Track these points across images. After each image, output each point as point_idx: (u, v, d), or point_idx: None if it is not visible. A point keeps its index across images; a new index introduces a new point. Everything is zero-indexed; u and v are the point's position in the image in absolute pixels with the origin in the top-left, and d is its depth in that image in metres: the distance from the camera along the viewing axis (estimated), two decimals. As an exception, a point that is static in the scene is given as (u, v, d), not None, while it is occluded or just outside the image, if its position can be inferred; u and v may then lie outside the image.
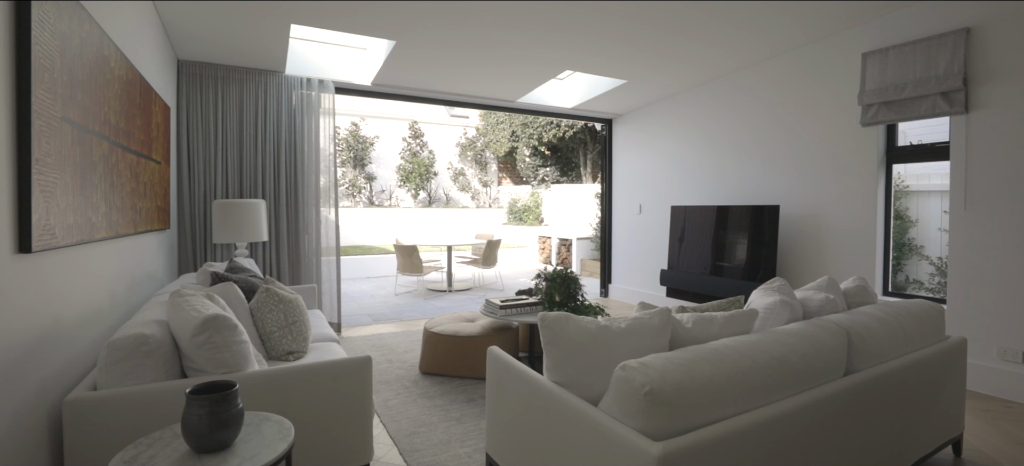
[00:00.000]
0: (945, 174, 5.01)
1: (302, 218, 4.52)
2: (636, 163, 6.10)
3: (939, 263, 4.59)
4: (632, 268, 6.20)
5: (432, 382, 3.30)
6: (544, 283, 3.56)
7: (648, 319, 1.66)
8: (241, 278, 2.72)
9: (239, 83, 4.23)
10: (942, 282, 4.53)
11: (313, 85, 4.51)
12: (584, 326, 1.62)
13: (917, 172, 5.03)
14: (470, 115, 16.27)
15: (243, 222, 3.73)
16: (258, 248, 4.34)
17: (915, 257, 4.82)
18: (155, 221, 2.98)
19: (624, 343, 1.60)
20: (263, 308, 2.43)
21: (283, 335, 2.43)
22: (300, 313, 2.54)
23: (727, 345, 1.58)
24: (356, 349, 4.10)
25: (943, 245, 4.67)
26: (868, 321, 1.97)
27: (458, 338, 3.37)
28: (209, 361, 1.69)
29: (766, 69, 4.44)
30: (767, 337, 1.67)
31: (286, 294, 2.53)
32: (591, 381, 1.59)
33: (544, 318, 1.64)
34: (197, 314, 1.71)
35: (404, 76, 4.64)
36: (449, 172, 15.46)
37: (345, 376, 1.90)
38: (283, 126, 4.41)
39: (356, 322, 5.22)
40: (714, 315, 1.79)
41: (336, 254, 4.69)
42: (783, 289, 2.22)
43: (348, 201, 13.75)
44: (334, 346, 2.66)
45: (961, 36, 3.19)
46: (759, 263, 4.18)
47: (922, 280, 4.76)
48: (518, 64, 4.40)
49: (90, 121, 1.85)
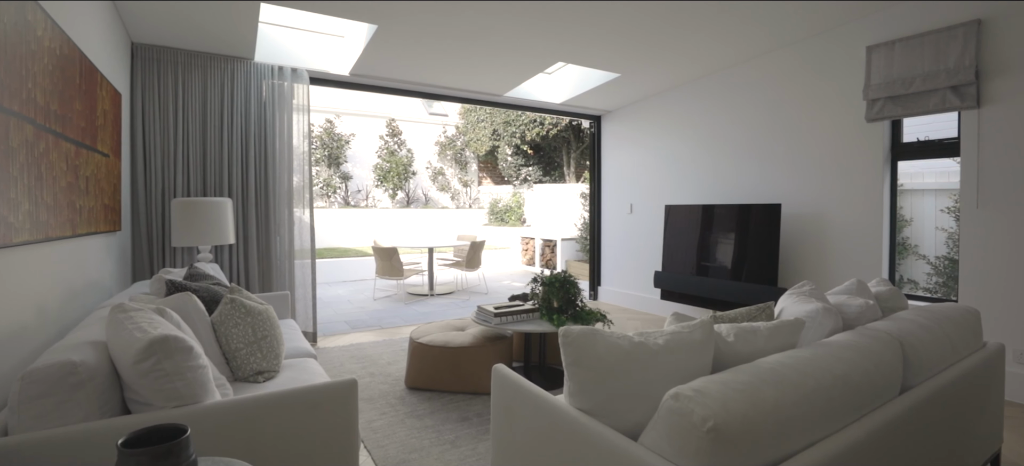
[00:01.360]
0: (939, 172, 4.97)
1: (274, 219, 4.16)
2: (627, 161, 5.91)
3: (936, 263, 4.52)
4: (623, 270, 6.01)
5: (420, 398, 3.00)
6: (540, 288, 3.31)
7: (688, 334, 1.42)
8: (202, 287, 2.38)
9: (202, 70, 3.85)
10: (940, 282, 4.46)
11: (285, 74, 4.16)
12: (615, 343, 1.37)
13: (910, 171, 4.96)
14: (449, 113, 15.91)
15: (206, 223, 3.36)
16: (224, 252, 3.96)
17: (911, 256, 4.75)
18: (101, 222, 2.60)
19: (663, 363, 1.36)
20: (228, 322, 2.11)
21: (251, 352, 2.11)
22: (271, 326, 2.22)
23: (783, 363, 1.35)
24: (335, 363, 3.76)
25: (939, 244, 4.61)
26: (915, 329, 1.77)
27: (448, 349, 3.08)
28: (157, 392, 1.37)
29: (765, 63, 4.29)
30: (823, 352, 1.45)
31: (254, 304, 2.20)
32: (624, 409, 1.34)
33: (567, 334, 1.39)
34: (142, 335, 1.39)
35: (385, 66, 4.33)
36: (428, 171, 15.06)
37: (326, 403, 1.60)
38: (252, 118, 4.04)
39: (333, 330, 4.87)
40: (757, 326, 1.56)
41: (311, 257, 4.34)
42: (816, 293, 2.02)
43: (322, 201, 13.23)
44: (311, 363, 2.34)
45: (972, 28, 3.07)
46: (760, 264, 4.02)
47: (917, 280, 4.69)
48: (508, 54, 4.14)
49: (3, 97, 1.51)
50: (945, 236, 4.61)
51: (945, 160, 4.79)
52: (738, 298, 4.12)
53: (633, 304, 5.79)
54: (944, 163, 4.94)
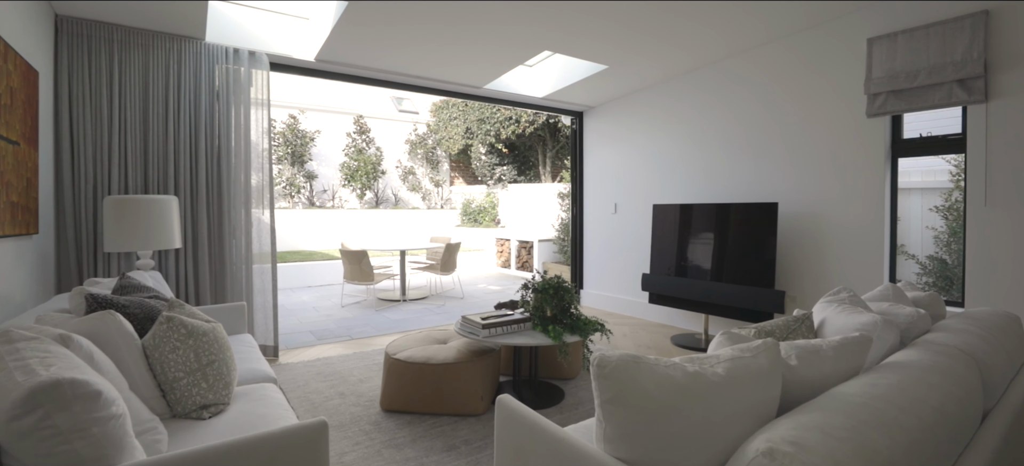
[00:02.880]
0: (925, 171, 4.93)
1: (229, 219, 3.70)
2: (611, 159, 5.67)
3: (926, 262, 4.46)
4: (608, 272, 5.77)
5: (398, 423, 2.64)
6: (532, 295, 3.01)
7: (751, 359, 1.14)
8: (134, 301, 1.96)
9: (144, 50, 3.37)
10: (929, 283, 4.40)
11: (242, 58, 3.71)
12: (665, 375, 1.07)
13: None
14: (420, 110, 15.41)
15: (147, 224, 2.90)
16: (169, 258, 3.48)
17: (900, 256, 4.69)
18: (6, 223, 2.14)
19: (727, 398, 1.07)
20: (163, 346, 1.71)
21: (194, 382, 1.72)
22: (218, 348, 1.83)
23: (872, 394, 1.09)
24: (299, 382, 3.35)
25: (927, 244, 4.56)
26: (978, 343, 1.56)
27: (430, 366, 2.73)
28: (47, 458, 1.00)
29: (760, 56, 4.12)
30: (908, 377, 1.20)
31: (198, 323, 1.81)
32: (680, 459, 1.04)
33: (603, 364, 1.08)
34: (24, 378, 1.01)
35: (355, 52, 3.93)
36: (398, 171, 14.53)
37: (289, 455, 1.25)
38: (203, 107, 3.58)
39: (297, 342, 4.42)
40: (819, 345, 1.30)
41: (272, 262, 3.90)
42: (856, 300, 1.79)
43: (286, 201, 12.54)
44: (269, 390, 1.96)
45: (980, 19, 2.95)
46: (756, 266, 3.84)
47: (908, 280, 4.64)
48: (490, 40, 3.82)
49: None
50: (933, 235, 4.56)
51: (932, 158, 4.75)
52: (733, 302, 3.92)
53: (619, 308, 5.56)
54: (931, 161, 4.90)
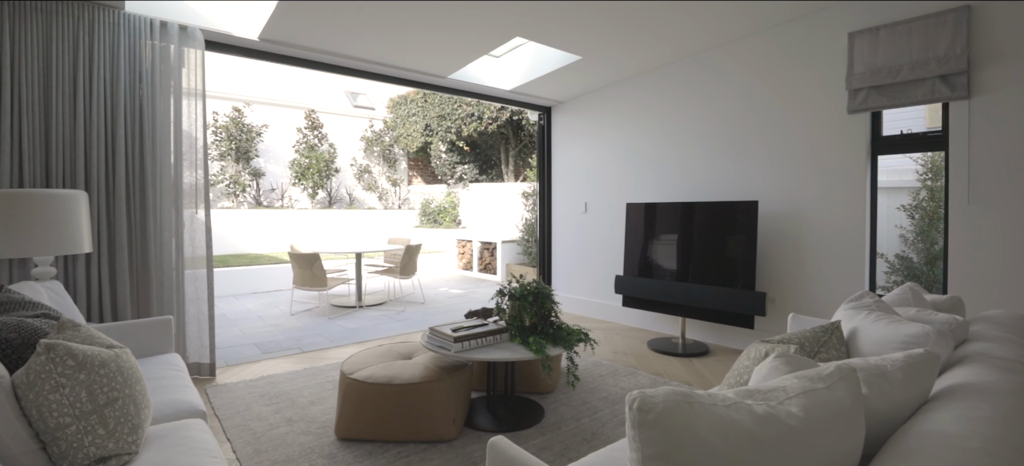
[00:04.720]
0: (891, 170, 5.00)
1: (155, 220, 3.19)
2: (581, 156, 5.46)
3: (894, 261, 4.49)
4: (578, 274, 5.55)
5: (358, 454, 2.28)
6: (508, 302, 2.71)
7: (828, 392, 0.89)
8: (9, 323, 1.52)
9: (44, 17, 2.84)
10: (898, 281, 4.42)
11: (171, 33, 3.21)
12: (728, 420, 0.80)
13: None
14: (377, 106, 14.78)
15: (46, 224, 2.40)
16: (78, 265, 2.95)
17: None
18: None
19: (807, 448, 0.81)
20: (42, 383, 1.30)
21: (87, 428, 1.31)
22: (123, 381, 1.43)
23: (988, 437, 0.86)
24: (239, 407, 2.90)
25: (893, 242, 4.59)
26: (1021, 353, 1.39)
27: (393, 387, 2.38)
28: None
29: (737, 50, 3.99)
30: (1009, 408, 0.98)
31: (94, 351, 1.40)
32: (752, 533, 0.77)
33: (647, 407, 0.80)
34: None
35: (304, 31, 3.51)
36: (353, 169, 13.84)
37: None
38: (123, 88, 3.06)
39: (239, 357, 3.93)
40: (884, 367, 1.07)
41: (207, 267, 3.41)
42: (883, 305, 1.60)
43: (229, 201, 11.66)
44: (195, 429, 1.57)
45: (963, 14, 2.90)
46: (736, 266, 3.70)
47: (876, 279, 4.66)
48: (458, 23, 3.50)
49: None
50: (899, 233, 4.61)
51: (898, 157, 4.81)
52: (712, 304, 3.77)
53: (591, 312, 5.35)
54: (897, 160, 4.97)
